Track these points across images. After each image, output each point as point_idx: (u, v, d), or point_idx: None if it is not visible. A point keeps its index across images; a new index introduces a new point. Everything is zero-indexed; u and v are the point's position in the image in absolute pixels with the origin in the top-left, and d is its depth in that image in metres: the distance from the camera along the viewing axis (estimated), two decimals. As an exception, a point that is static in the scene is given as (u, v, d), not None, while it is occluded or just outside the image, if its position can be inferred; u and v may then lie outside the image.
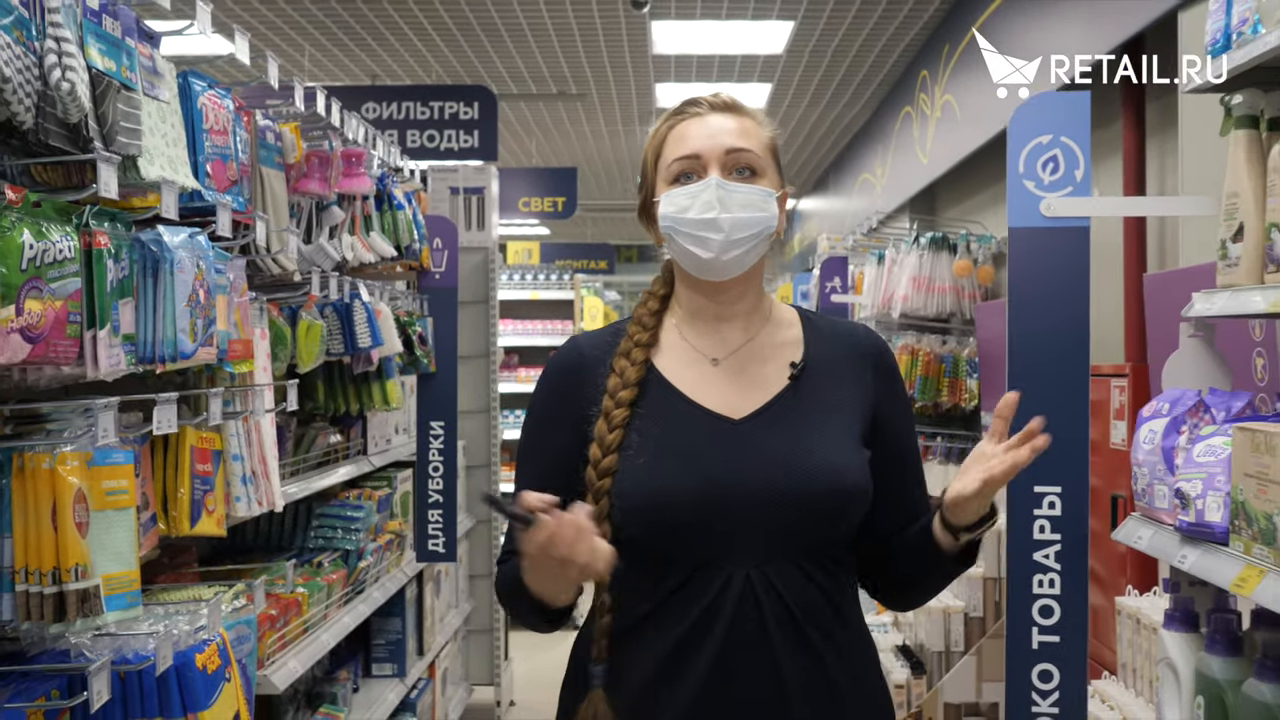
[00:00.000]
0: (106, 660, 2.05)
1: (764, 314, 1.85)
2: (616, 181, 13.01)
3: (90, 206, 2.06)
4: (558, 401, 1.81)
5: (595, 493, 1.72)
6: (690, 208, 1.74)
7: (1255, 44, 2.02)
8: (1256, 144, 2.13)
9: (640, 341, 1.80)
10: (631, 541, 1.69)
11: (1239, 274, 2.09)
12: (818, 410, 1.76)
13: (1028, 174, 2.44)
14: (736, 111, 1.83)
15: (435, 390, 4.62)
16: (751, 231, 1.75)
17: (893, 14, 6.57)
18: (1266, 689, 1.83)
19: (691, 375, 1.79)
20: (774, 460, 1.70)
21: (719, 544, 1.69)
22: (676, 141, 1.80)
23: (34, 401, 2.12)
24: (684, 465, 1.71)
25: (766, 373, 1.79)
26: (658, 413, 1.75)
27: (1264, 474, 1.77)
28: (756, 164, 1.78)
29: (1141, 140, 4.16)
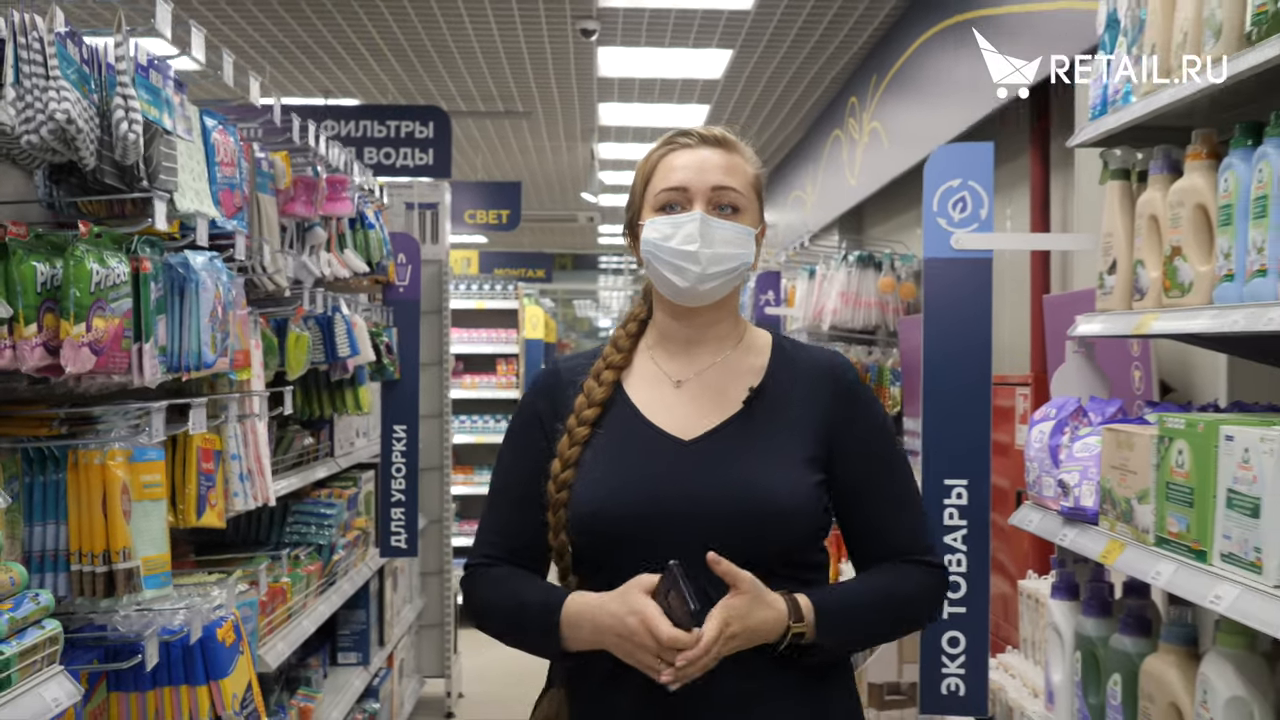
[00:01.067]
0: (155, 629, 2.37)
1: (735, 339, 1.91)
2: (556, 194, 13.35)
3: (137, 236, 2.38)
4: (532, 418, 1.90)
5: (553, 504, 1.80)
6: (673, 236, 1.80)
7: (1126, 111, 2.42)
8: (1128, 193, 2.54)
9: (612, 363, 1.88)
10: (582, 551, 1.79)
11: (1113, 301, 2.50)
12: (766, 434, 1.81)
13: (940, 212, 2.83)
14: (726, 147, 1.88)
15: (399, 396, 4.93)
16: (728, 267, 1.81)
17: (825, 45, 6.99)
18: (1128, 641, 2.24)
19: (653, 396, 1.86)
20: (712, 480, 1.76)
21: (654, 556, 1.72)
22: (666, 171, 1.86)
23: (86, 405, 2.42)
24: (628, 481, 1.77)
25: (725, 396, 1.84)
26: (615, 431, 1.82)
27: (1125, 465, 2.17)
28: (740, 203, 1.84)
29: (1046, 172, 4.60)
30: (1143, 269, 2.38)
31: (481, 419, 8.74)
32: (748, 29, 6.66)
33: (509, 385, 8.84)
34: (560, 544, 1.81)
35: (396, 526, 4.95)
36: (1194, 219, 2.18)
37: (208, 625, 2.61)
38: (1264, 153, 1.95)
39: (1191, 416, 2.00)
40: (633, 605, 1.65)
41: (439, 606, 6.44)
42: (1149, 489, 2.07)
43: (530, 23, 6.62)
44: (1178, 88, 2.19)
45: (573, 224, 15.06)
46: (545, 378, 1.96)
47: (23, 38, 2.10)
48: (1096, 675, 2.37)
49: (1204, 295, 2.13)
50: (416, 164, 6.61)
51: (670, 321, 1.90)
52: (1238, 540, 1.80)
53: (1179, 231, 2.22)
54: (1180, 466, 1.97)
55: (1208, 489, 1.88)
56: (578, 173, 11.72)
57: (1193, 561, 1.92)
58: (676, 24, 6.60)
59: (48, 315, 2.15)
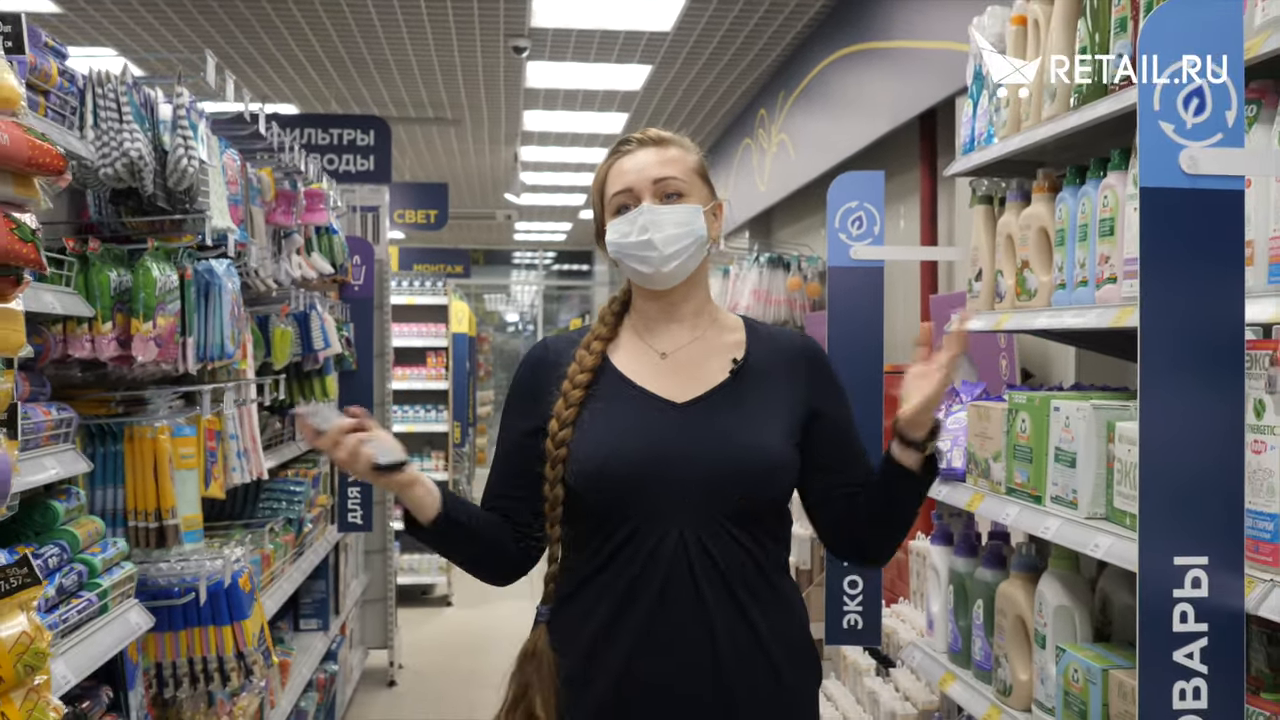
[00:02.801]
0: (204, 574, 2.84)
1: (709, 317, 2.05)
2: (476, 193, 13.79)
3: (182, 248, 2.85)
4: (526, 389, 2.04)
5: (552, 460, 1.93)
6: (630, 233, 1.95)
7: (990, 150, 3.02)
8: (991, 215, 3.13)
9: (600, 335, 2.03)
10: (583, 502, 1.92)
11: (979, 303, 3.10)
12: (752, 401, 1.97)
13: (841, 228, 3.41)
14: (662, 144, 2.02)
15: (355, 385, 5.40)
16: (683, 244, 1.95)
17: (736, 62, 7.58)
18: (988, 573, 2.83)
19: (641, 366, 2.00)
20: (708, 436, 1.91)
21: (656, 506, 1.87)
22: (614, 179, 2.01)
23: (138, 389, 2.89)
24: (628, 437, 1.92)
25: (710, 367, 1.99)
26: (609, 395, 1.98)
27: (984, 433, 2.77)
28: (682, 188, 1.98)
29: (934, 186, 5.23)
30: (1002, 277, 2.98)
31: (413, 409, 9.15)
32: (666, 47, 7.22)
33: (438, 377, 9.26)
34: (555, 496, 1.94)
35: (353, 504, 5.42)
36: (1038, 239, 2.78)
37: (234, 574, 3.09)
38: (1086, 191, 2.56)
39: (1031, 394, 2.59)
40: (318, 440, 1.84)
41: (382, 582, 6.89)
42: (1001, 450, 2.67)
43: (465, 39, 7.11)
44: (1025, 134, 2.78)
45: (491, 221, 15.51)
46: (536, 351, 2.09)
47: (99, 88, 2.57)
48: (965, 603, 2.96)
49: (1045, 300, 2.73)
50: (358, 170, 7.05)
51: (647, 303, 2.04)
52: (1062, 486, 2.39)
53: (1027, 249, 2.82)
54: (1023, 432, 2.56)
55: (1042, 448, 2.47)
56: (499, 174, 12.19)
57: (1032, 504, 2.51)
58: (601, 42, 7.13)
59: (119, 315, 2.62)
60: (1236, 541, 1.69)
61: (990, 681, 2.76)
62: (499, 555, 2.02)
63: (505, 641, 7.68)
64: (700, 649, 1.88)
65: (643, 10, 6.49)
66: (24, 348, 1.35)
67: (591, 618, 1.92)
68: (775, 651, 1.92)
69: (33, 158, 1.26)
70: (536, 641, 1.96)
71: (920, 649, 3.18)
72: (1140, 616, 1.68)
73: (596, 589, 1.92)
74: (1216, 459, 1.69)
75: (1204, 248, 1.69)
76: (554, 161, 11.53)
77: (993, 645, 2.75)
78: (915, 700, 3.60)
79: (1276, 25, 1.91)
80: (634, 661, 1.88)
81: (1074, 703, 2.28)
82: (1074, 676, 2.29)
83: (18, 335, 1.33)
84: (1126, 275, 2.35)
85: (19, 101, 1.25)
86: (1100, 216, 2.46)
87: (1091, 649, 2.34)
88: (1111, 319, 2.34)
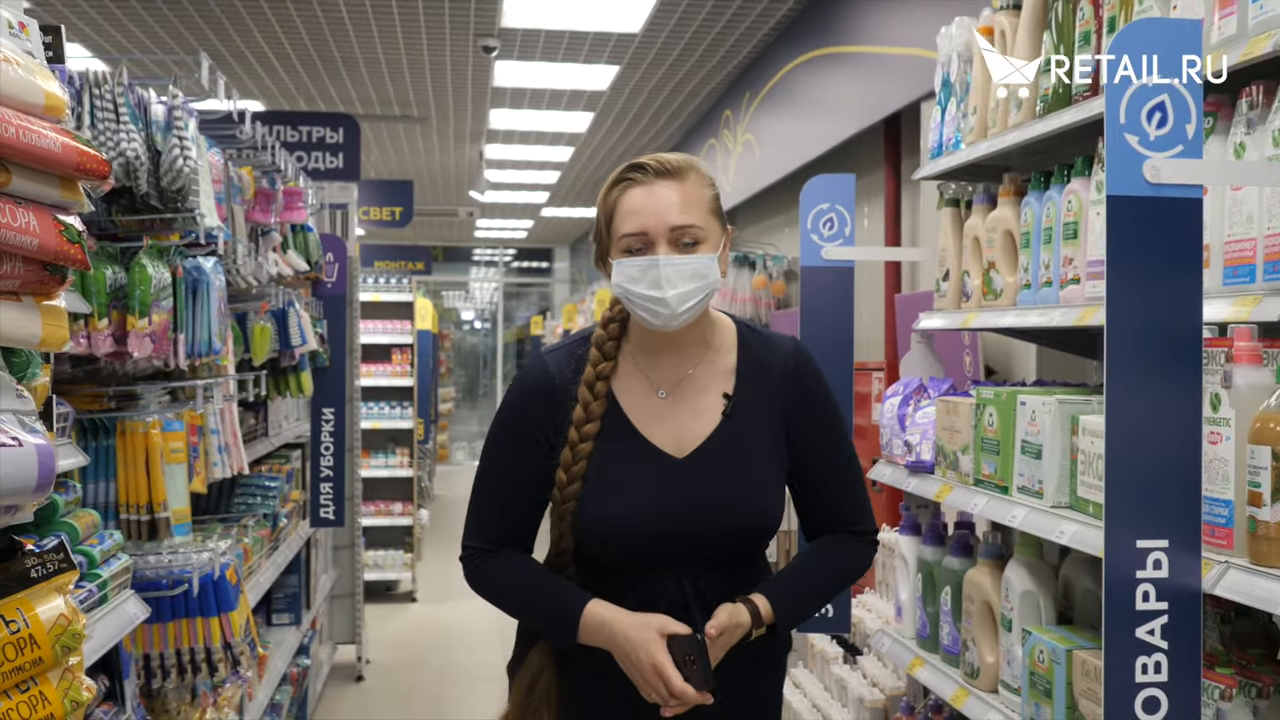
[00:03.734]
0: (197, 566, 2.90)
1: (705, 344, 2.06)
2: (440, 191, 13.82)
3: (174, 246, 2.91)
4: (526, 419, 2.03)
5: (560, 513, 1.99)
6: (640, 280, 1.91)
7: (957, 155, 3.13)
8: (958, 217, 3.25)
9: (602, 373, 2.01)
10: (590, 555, 2.01)
11: (946, 302, 3.22)
12: (745, 444, 2.01)
13: (814, 229, 3.52)
14: (679, 177, 1.94)
15: (328, 381, 5.45)
16: (696, 300, 1.93)
17: (703, 64, 7.68)
18: (956, 561, 2.95)
19: (643, 406, 2.02)
20: (708, 497, 1.97)
21: (658, 561, 1.97)
22: (626, 215, 1.93)
23: (129, 384, 2.95)
24: (633, 499, 1.96)
25: (705, 403, 2.03)
26: (613, 444, 1.99)
27: (952, 427, 2.89)
28: (699, 235, 1.93)
29: (898, 188, 5.35)
30: (969, 278, 3.10)
31: (378, 405, 9.20)
32: (634, 48, 7.31)
33: (403, 374, 9.31)
34: (567, 546, 2.02)
35: (325, 500, 5.47)
36: (1004, 241, 2.90)
37: (221, 567, 3.15)
38: (1051, 196, 2.68)
39: (998, 389, 2.71)
40: (652, 653, 1.88)
41: (350, 578, 6.93)
42: (969, 443, 2.78)
43: (435, 38, 7.16)
44: (993, 141, 2.90)
45: (453, 218, 15.53)
46: (539, 381, 2.05)
47: (96, 89, 2.63)
48: (933, 590, 3.08)
49: (1010, 299, 2.85)
50: (327, 167, 7.09)
51: (648, 336, 2.03)
52: (1028, 477, 2.51)
53: (993, 251, 2.93)
54: (991, 426, 2.68)
55: (1009, 441, 2.59)
56: (463, 171, 12.23)
57: (999, 495, 2.63)
58: (570, 43, 7.21)
59: (114, 311, 2.68)
60: (1194, 526, 1.81)
61: (958, 665, 2.88)
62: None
63: (470, 638, 7.80)
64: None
65: (612, 12, 6.57)
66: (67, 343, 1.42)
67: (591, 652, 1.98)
68: (757, 665, 2.06)
69: (81, 163, 1.33)
70: (540, 658, 2.06)
71: (889, 635, 3.29)
72: (1106, 596, 1.79)
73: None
74: (1176, 449, 1.80)
75: (1166, 252, 1.80)
76: (518, 159, 11.59)
77: (960, 630, 2.87)
78: (882, 686, 3.72)
79: (1228, 44, 2.04)
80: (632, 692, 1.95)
81: (1039, 682, 2.40)
82: (1040, 657, 2.40)
83: (63, 331, 1.40)
84: (1090, 276, 2.47)
85: (64, 109, 1.32)
86: (1064, 220, 2.58)
87: (1056, 631, 2.46)
88: (1075, 318, 2.46)
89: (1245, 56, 1.95)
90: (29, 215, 1.26)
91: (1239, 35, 2.03)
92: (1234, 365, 1.89)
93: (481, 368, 23.06)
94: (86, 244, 1.35)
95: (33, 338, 1.34)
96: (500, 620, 8.60)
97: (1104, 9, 2.50)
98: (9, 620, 1.37)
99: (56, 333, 1.37)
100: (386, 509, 9.07)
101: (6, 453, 1.24)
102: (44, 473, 1.31)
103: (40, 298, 1.35)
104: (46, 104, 1.31)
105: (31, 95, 1.28)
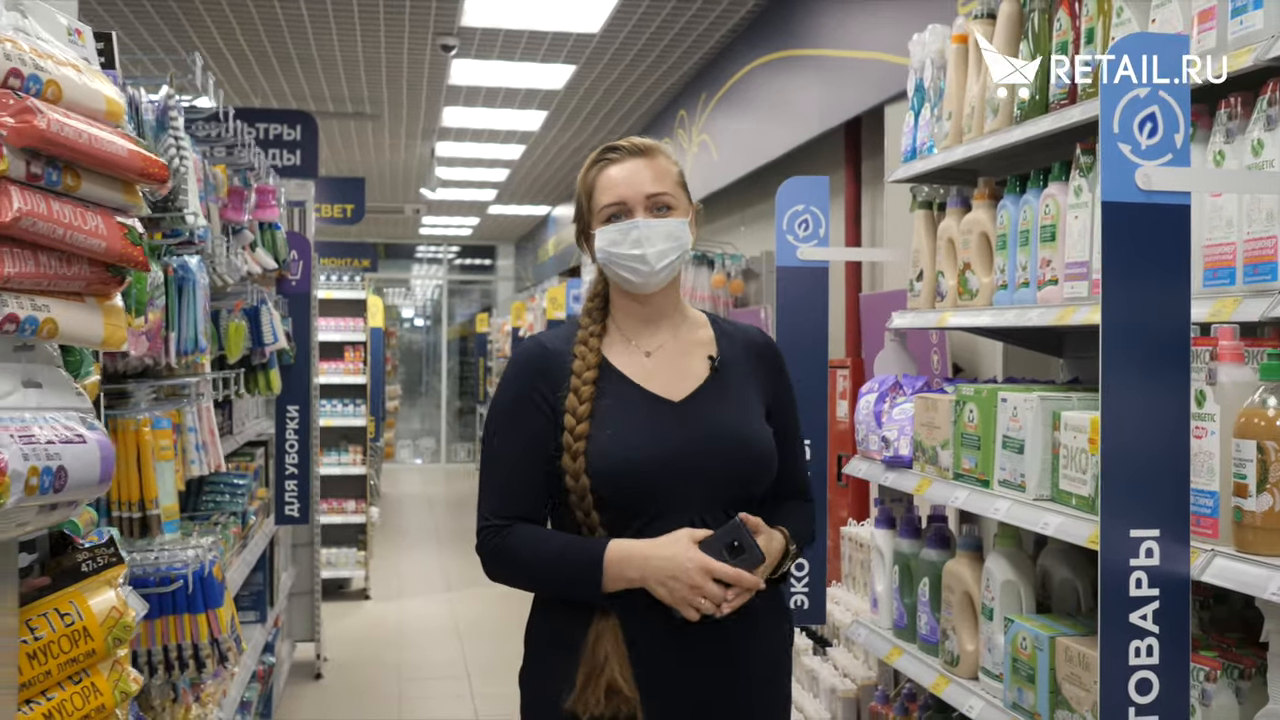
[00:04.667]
0: (189, 563, 2.92)
1: (681, 315, 2.24)
2: (387, 188, 13.77)
3: (166, 245, 2.92)
4: (530, 386, 2.13)
5: (572, 452, 2.06)
6: (621, 242, 2.10)
7: (931, 159, 3.23)
8: (931, 220, 3.35)
9: (593, 332, 2.18)
10: (599, 496, 2.05)
11: (920, 302, 3.31)
12: (734, 395, 2.16)
13: (789, 230, 3.60)
14: (650, 155, 2.16)
15: (292, 379, 5.44)
16: (671, 258, 2.12)
17: (659, 64, 7.75)
18: (934, 553, 3.05)
19: (633, 364, 2.16)
20: (711, 433, 2.09)
21: (670, 498, 2.05)
22: (605, 188, 2.13)
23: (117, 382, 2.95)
24: (641, 437, 2.07)
25: (690, 364, 2.18)
26: (612, 393, 2.11)
27: (931, 423, 2.98)
28: (671, 201, 2.13)
29: (859, 189, 5.46)
30: (943, 278, 3.19)
31: (330, 403, 9.17)
32: (592, 48, 7.36)
33: (356, 372, 9.29)
34: (581, 486, 2.06)
35: (290, 497, 5.47)
36: (979, 243, 3.00)
37: (209, 563, 3.16)
38: (1027, 199, 2.78)
39: (978, 386, 2.81)
40: (691, 556, 1.98)
41: (309, 575, 6.92)
42: (949, 438, 2.88)
43: (394, 36, 7.16)
44: (969, 146, 2.99)
45: (399, 215, 15.48)
46: (533, 352, 2.19)
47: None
48: (910, 582, 3.17)
49: (986, 299, 2.95)
50: (285, 164, 7.06)
51: (630, 303, 2.20)
52: (1010, 471, 2.61)
53: (968, 252, 3.03)
54: (971, 421, 2.77)
55: (990, 436, 2.69)
56: (412, 168, 12.20)
57: (980, 488, 2.72)
58: (528, 42, 7.25)
59: (109, 310, 2.69)
60: (1183, 516, 1.90)
61: (937, 654, 2.97)
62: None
63: (425, 635, 7.83)
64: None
65: (572, 12, 6.62)
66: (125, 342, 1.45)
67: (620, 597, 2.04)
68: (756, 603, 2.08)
69: (144, 168, 1.36)
70: (605, 620, 2.04)
71: (865, 626, 3.38)
72: (1101, 583, 1.88)
73: None
74: (1167, 443, 1.90)
75: (1156, 256, 1.90)
76: (468, 157, 11.59)
77: (940, 620, 2.96)
78: (853, 677, 3.81)
79: (1209, 57, 2.14)
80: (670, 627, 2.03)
81: (1022, 668, 2.50)
82: (1022, 644, 2.50)
83: (121, 331, 1.43)
84: (1068, 278, 2.57)
85: (123, 114, 1.35)
86: (1042, 223, 2.68)
87: (1037, 619, 2.56)
88: (1054, 318, 2.56)
89: (1229, 69, 2.05)
90: (97, 218, 1.29)
91: (1218, 48, 2.13)
92: (1218, 363, 1.99)
93: (425, 365, 22.97)
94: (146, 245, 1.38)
95: (96, 337, 1.37)
96: (455, 617, 8.61)
97: (1081, 20, 2.60)
98: (64, 613, 1.40)
99: (116, 332, 1.40)
100: (340, 506, 9.04)
101: (74, 449, 1.27)
102: (105, 467, 1.34)
103: (101, 298, 1.38)
104: (107, 109, 1.34)
105: (94, 101, 1.31)
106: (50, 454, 1.20)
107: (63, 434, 1.25)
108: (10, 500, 1.14)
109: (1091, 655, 2.27)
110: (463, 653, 7.24)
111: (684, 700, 2.06)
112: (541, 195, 14.39)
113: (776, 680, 2.20)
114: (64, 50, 1.31)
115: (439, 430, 20.91)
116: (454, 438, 20.87)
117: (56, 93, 1.23)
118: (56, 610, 1.41)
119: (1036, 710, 2.45)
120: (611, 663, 2.00)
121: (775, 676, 2.19)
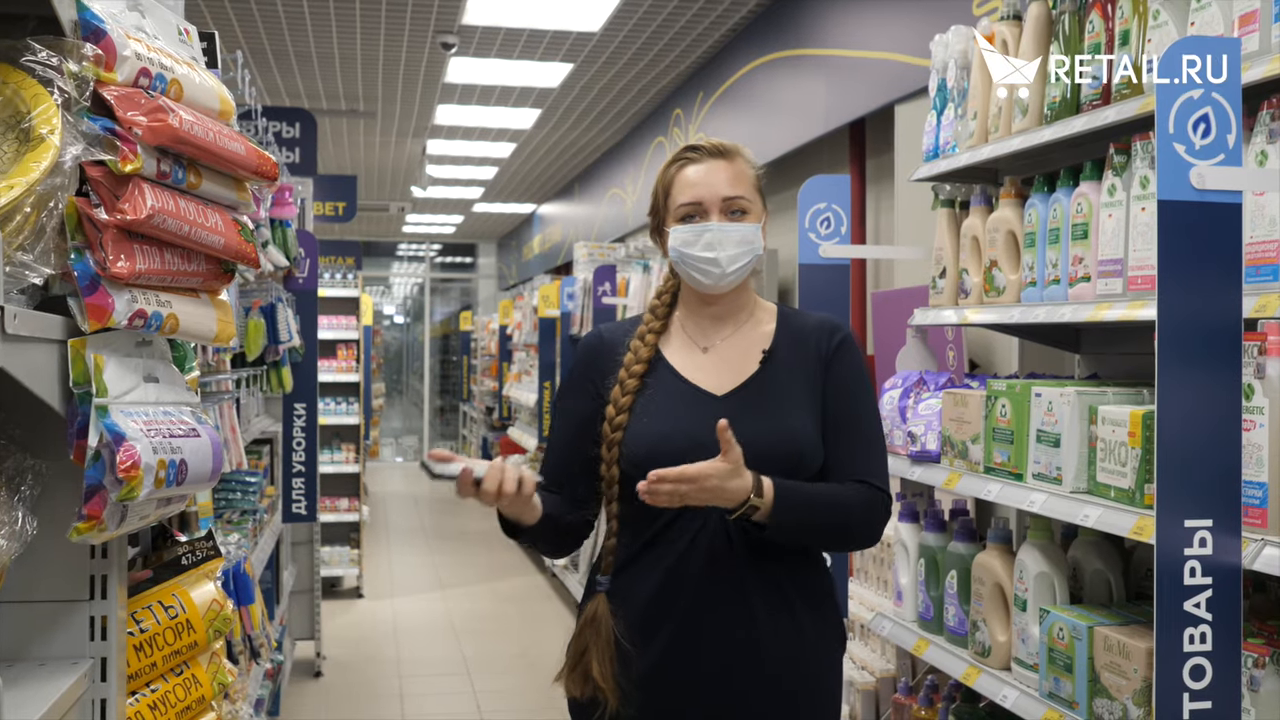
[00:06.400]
0: (230, 559, 2.94)
1: (749, 312, 2.25)
2: (375, 185, 13.75)
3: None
4: (582, 373, 2.24)
5: (609, 443, 2.12)
6: (694, 244, 2.14)
7: (953, 159, 3.27)
8: (954, 218, 3.39)
9: (654, 329, 2.23)
10: (633, 484, 2.01)
11: (943, 299, 3.36)
12: (780, 390, 2.16)
13: (811, 228, 3.64)
14: (729, 157, 2.18)
15: (300, 376, 5.45)
16: (743, 263, 2.15)
17: (656, 63, 7.78)
18: (961, 546, 3.09)
19: (687, 359, 2.20)
20: (744, 425, 2.02)
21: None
22: (682, 187, 2.17)
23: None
24: (675, 427, 2.10)
25: (746, 360, 2.19)
26: (659, 386, 2.16)
27: (960, 418, 3.02)
28: (746, 205, 2.16)
29: (864, 187, 5.51)
30: (967, 275, 3.24)
31: (323, 401, 9.16)
32: (591, 47, 7.39)
33: (349, 369, 9.28)
34: (611, 476, 2.12)
35: (297, 495, 5.48)
36: (1005, 241, 3.05)
37: (240, 560, 3.18)
38: (1057, 197, 2.82)
39: (1009, 381, 2.85)
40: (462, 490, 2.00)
41: (309, 574, 6.92)
42: (980, 433, 2.92)
43: (394, 34, 7.17)
44: (996, 145, 3.04)
45: (384, 213, 15.45)
46: (591, 342, 2.28)
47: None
48: (936, 575, 3.22)
49: (1013, 296, 2.99)
50: (284, 162, 7.05)
51: (698, 303, 2.24)
52: (1045, 464, 2.66)
53: (995, 250, 3.08)
54: (1003, 416, 2.82)
55: (1023, 430, 2.73)
56: (402, 166, 12.19)
57: (1013, 482, 2.77)
58: (528, 41, 7.27)
59: (152, 307, 2.70)
60: (1235, 506, 1.96)
61: (966, 645, 3.02)
62: (572, 534, 2.23)
63: (420, 633, 7.84)
64: (738, 614, 2.08)
65: (574, 11, 6.64)
66: (234, 337, 1.47)
67: (645, 587, 2.11)
68: (799, 609, 2.12)
69: (259, 166, 1.38)
70: (596, 608, 2.12)
71: (890, 619, 3.43)
72: (1158, 571, 1.93)
73: (649, 562, 2.12)
74: (1219, 435, 1.95)
75: (1209, 253, 1.95)
76: (458, 155, 11.59)
77: (969, 611, 3.01)
78: (872, 669, 3.86)
79: (1250, 60, 2.19)
80: (682, 628, 2.08)
81: (1059, 658, 2.55)
82: (1059, 634, 2.55)
83: (231, 327, 1.44)
84: (1101, 275, 2.62)
85: (233, 113, 1.37)
86: (1074, 221, 2.73)
87: (1072, 609, 2.61)
88: (1088, 315, 2.61)
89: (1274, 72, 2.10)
90: (216, 215, 1.31)
91: (1261, 51, 2.18)
92: (1267, 358, 2.04)
93: (405, 364, 22.93)
94: (258, 242, 1.40)
95: (210, 333, 1.39)
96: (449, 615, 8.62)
97: (1115, 22, 2.65)
98: (168, 606, 1.42)
99: (226, 328, 1.42)
100: (333, 505, 9.03)
101: (192, 443, 1.30)
102: (217, 461, 1.37)
103: (212, 294, 1.40)
104: (221, 108, 1.36)
105: (210, 100, 1.32)
106: (173, 448, 1.22)
107: (181, 428, 1.27)
108: (142, 493, 1.16)
109: (1132, 644, 2.31)
110: (460, 650, 7.26)
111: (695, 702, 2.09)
112: (528, 193, 14.39)
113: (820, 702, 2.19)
114: (178, 49, 1.33)
115: (421, 429, 20.88)
116: (436, 436, 20.84)
117: (178, 92, 1.25)
118: (160, 603, 1.42)
119: (1074, 699, 2.50)
120: (591, 654, 2.08)
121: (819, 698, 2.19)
